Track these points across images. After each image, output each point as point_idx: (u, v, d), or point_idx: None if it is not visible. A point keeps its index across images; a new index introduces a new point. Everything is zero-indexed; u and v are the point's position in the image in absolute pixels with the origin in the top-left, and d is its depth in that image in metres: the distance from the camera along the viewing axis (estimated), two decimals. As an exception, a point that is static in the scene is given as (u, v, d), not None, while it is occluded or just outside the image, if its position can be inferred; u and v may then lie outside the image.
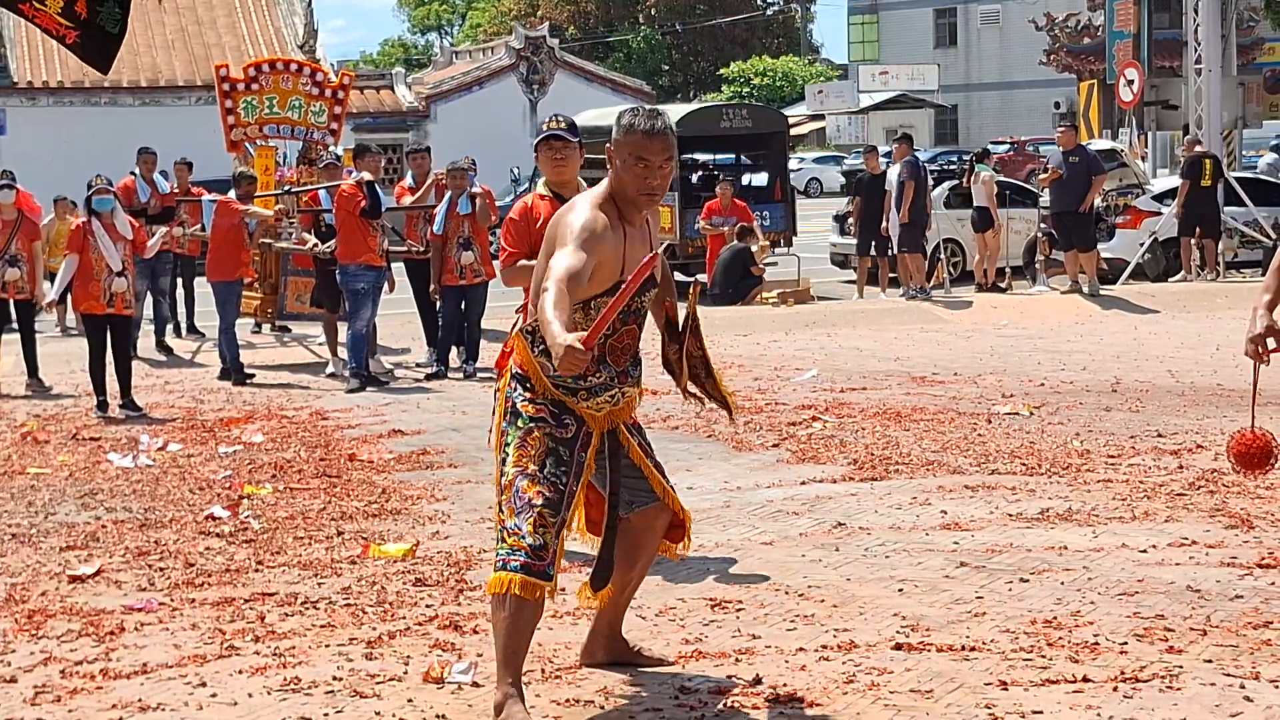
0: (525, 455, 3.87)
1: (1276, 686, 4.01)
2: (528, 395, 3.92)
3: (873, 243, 15.17)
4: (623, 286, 3.73)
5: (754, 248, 14.83)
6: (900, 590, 5.03)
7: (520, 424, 3.91)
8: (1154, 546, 5.51)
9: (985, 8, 47.70)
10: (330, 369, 11.12)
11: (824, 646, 4.43)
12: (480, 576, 5.29)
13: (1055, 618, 4.64)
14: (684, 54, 52.30)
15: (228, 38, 29.97)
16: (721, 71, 48.71)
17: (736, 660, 4.33)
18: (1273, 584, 4.98)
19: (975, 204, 15.68)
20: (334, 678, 4.27)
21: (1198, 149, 16.04)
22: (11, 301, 11.00)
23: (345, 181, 10.85)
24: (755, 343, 12.34)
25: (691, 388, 4.28)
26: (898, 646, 4.40)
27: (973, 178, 15.87)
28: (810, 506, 6.34)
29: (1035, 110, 42.33)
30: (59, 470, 7.75)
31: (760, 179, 18.26)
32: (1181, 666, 4.18)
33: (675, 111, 21.53)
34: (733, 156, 18.99)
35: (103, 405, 9.51)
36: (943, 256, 16.16)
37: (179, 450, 8.22)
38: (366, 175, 10.52)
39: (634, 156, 3.85)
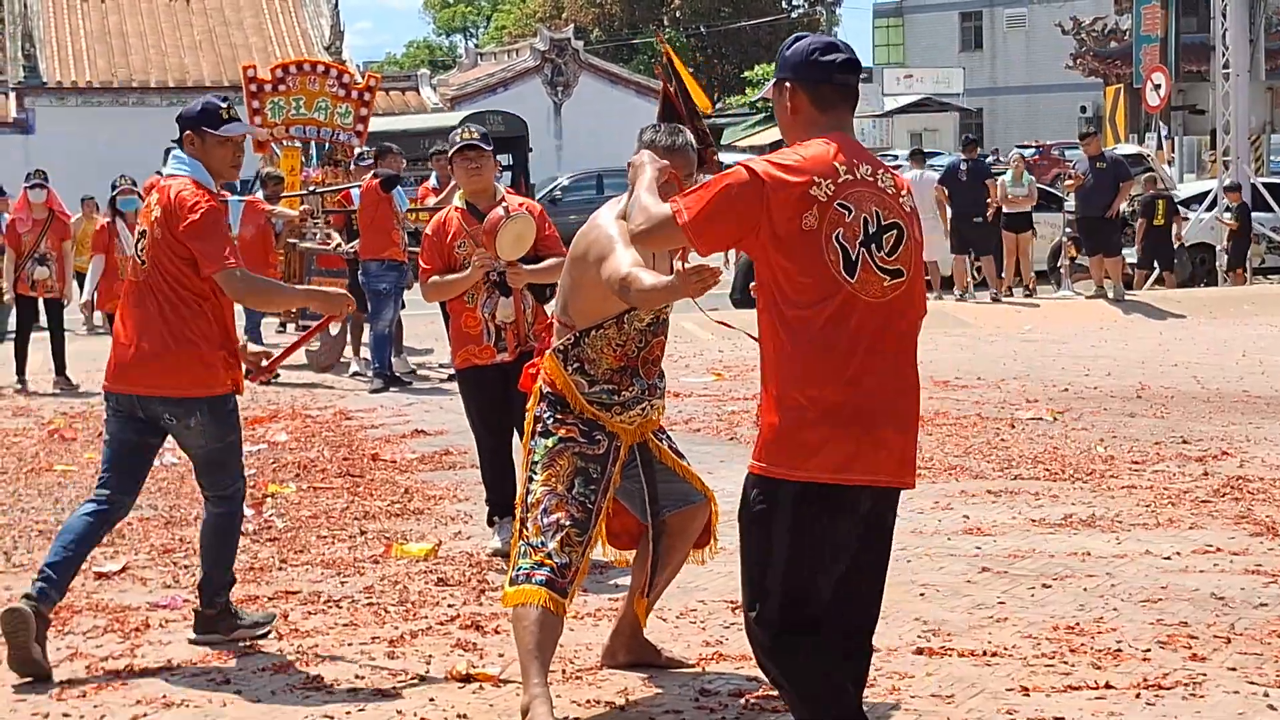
0: (554, 475, 3.90)
1: (1300, 695, 3.99)
2: (558, 415, 3.95)
3: None
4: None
5: None
6: (922, 595, 5.03)
7: (550, 443, 3.93)
8: (1178, 553, 5.49)
9: (1011, 11, 47.47)
10: (354, 369, 11.16)
11: (845, 650, 4.42)
12: (502, 578, 5.30)
13: (1078, 624, 4.63)
14: (708, 57, 52.25)
15: (254, 39, 30.13)
16: (746, 74, 48.67)
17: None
18: (1297, 592, 4.96)
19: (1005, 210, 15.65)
20: (356, 676, 4.30)
21: (1149, 191, 16.15)
22: (41, 300, 11.09)
23: (364, 179, 10.90)
24: (778, 346, 12.32)
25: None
26: (919, 651, 4.40)
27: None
28: (832, 510, 6.33)
29: (1061, 114, 42.13)
30: (85, 467, 7.80)
31: (507, 176, 20.63)
32: (1205, 674, 4.16)
33: (456, 116, 24.33)
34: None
35: (129, 403, 9.57)
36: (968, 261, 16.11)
37: (204, 449, 8.26)
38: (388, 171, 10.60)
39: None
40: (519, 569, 3.89)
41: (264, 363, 4.82)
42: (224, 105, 4.48)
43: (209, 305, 4.47)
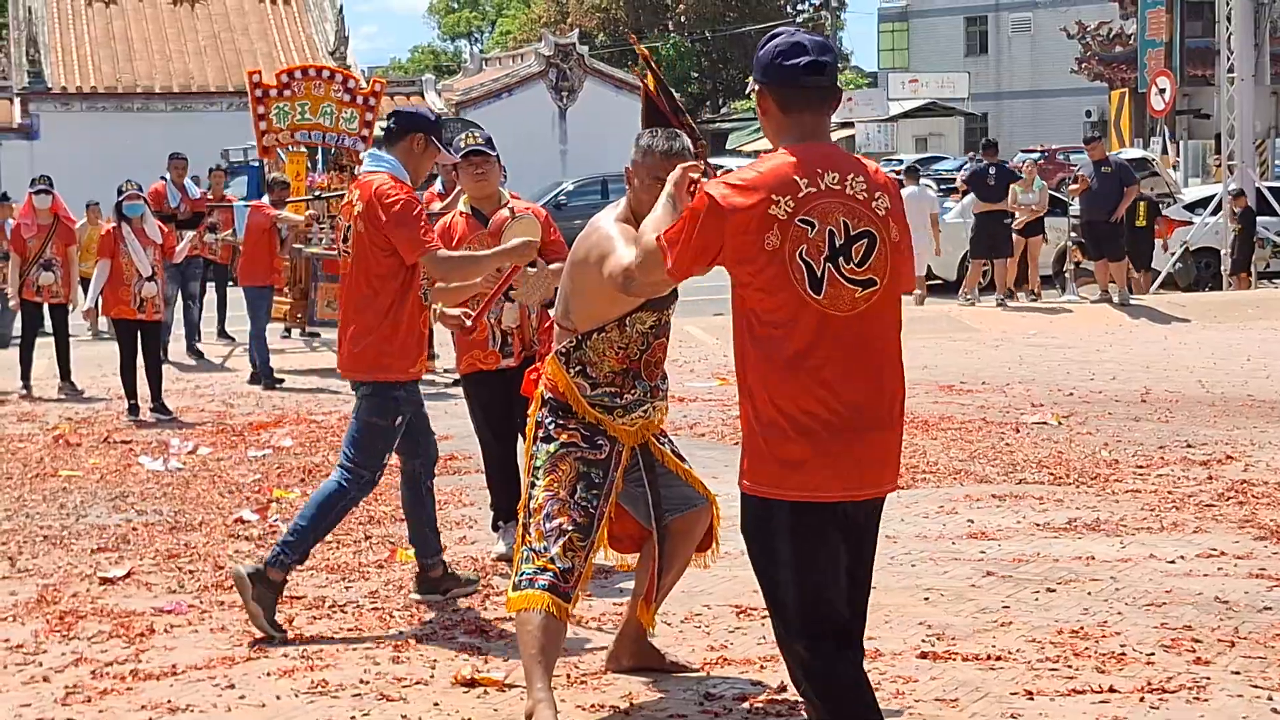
0: (556, 480, 3.92)
1: (1305, 699, 3.99)
2: (560, 420, 3.96)
3: None
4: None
5: None
6: (926, 599, 5.03)
7: (552, 449, 3.95)
8: (1182, 557, 5.49)
9: (1016, 16, 47.49)
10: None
11: (849, 655, 4.42)
12: (506, 582, 5.31)
13: (1082, 628, 4.63)
14: (713, 61, 52.30)
15: (259, 44, 30.18)
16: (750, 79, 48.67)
17: (761, 668, 4.34)
18: (1302, 596, 4.95)
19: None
20: (361, 680, 4.30)
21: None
22: (46, 305, 11.11)
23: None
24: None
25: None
26: (923, 655, 4.40)
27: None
28: (836, 514, 6.33)
29: (1066, 119, 42.12)
30: (90, 473, 7.82)
31: None
32: (1209, 678, 4.16)
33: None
34: None
35: (134, 409, 9.59)
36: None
37: (209, 454, 8.28)
38: None
39: (653, 177, 3.87)
40: (522, 574, 3.90)
41: (467, 323, 5.06)
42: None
43: (393, 292, 4.80)
